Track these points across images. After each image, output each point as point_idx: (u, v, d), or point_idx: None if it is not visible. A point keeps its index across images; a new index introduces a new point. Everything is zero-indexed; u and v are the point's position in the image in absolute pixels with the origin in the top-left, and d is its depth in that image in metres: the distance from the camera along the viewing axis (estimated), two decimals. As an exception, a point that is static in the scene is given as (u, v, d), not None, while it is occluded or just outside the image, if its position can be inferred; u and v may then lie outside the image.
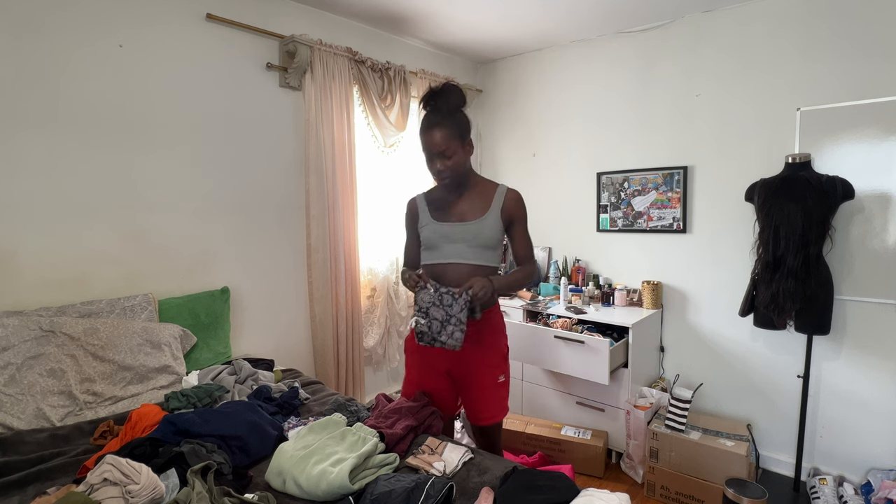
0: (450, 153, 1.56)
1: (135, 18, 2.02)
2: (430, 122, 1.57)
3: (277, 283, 2.58)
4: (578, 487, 1.26)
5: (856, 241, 2.31)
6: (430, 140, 1.56)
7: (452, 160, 1.57)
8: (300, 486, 1.26)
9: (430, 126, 1.56)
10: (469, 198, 1.66)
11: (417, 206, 1.75)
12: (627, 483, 2.54)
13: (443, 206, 1.68)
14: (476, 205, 1.65)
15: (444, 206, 1.68)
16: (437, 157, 1.57)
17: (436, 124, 1.55)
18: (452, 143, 1.56)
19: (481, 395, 1.71)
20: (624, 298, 2.94)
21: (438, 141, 1.55)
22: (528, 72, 3.46)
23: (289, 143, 2.57)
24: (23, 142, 1.77)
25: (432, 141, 1.56)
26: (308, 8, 2.61)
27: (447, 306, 1.50)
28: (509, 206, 1.65)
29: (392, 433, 1.48)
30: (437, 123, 1.55)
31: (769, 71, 2.51)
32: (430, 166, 1.62)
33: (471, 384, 1.71)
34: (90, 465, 1.30)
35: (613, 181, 3.08)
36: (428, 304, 1.51)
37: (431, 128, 1.56)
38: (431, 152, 1.58)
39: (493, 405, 1.73)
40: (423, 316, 1.51)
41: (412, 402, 1.68)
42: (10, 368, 1.61)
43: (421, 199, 1.76)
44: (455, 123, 1.57)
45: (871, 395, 2.34)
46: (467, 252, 1.63)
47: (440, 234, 1.66)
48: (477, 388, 1.71)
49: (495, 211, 1.64)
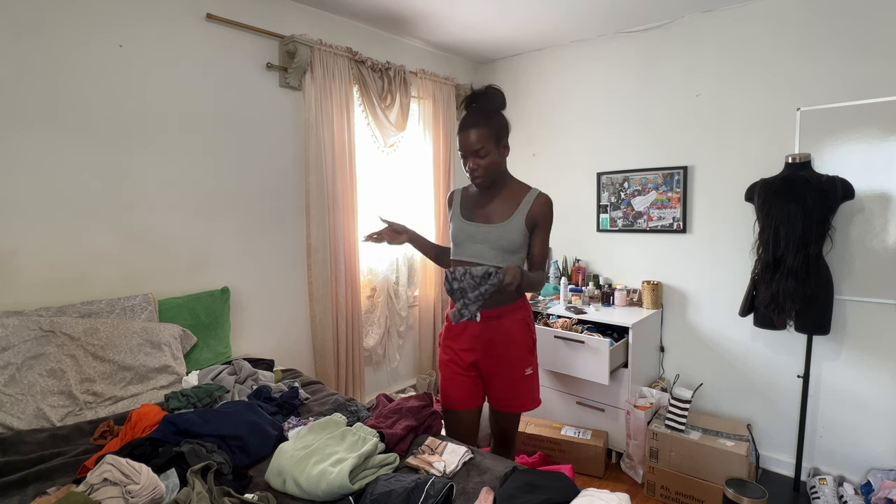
0: (484, 153, 1.59)
1: (134, 18, 2.02)
2: (468, 122, 1.60)
3: (277, 283, 2.58)
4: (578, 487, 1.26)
5: (856, 241, 2.31)
6: (466, 139, 1.59)
7: (486, 160, 1.60)
8: (300, 486, 1.26)
9: (468, 125, 1.59)
10: (499, 200, 1.68)
11: (453, 199, 1.81)
12: (627, 483, 2.54)
13: (473, 205, 1.72)
14: (504, 208, 1.67)
15: (475, 204, 1.71)
16: (471, 155, 1.60)
17: (472, 124, 1.59)
18: (488, 144, 1.58)
19: (508, 386, 1.75)
20: (624, 298, 2.94)
21: (473, 140, 1.57)
22: (528, 72, 3.46)
23: (289, 143, 2.57)
24: (22, 141, 1.77)
25: (468, 140, 1.59)
26: (308, 8, 2.61)
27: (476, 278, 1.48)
28: (535, 211, 1.65)
29: (392, 433, 1.48)
30: (473, 123, 1.58)
31: (769, 70, 2.51)
32: (464, 164, 1.65)
33: (496, 376, 1.75)
34: (90, 465, 1.29)
35: (613, 181, 3.08)
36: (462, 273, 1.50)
37: (468, 127, 1.59)
38: (466, 151, 1.61)
39: (521, 396, 1.77)
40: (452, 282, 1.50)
41: (412, 402, 1.68)
42: (10, 368, 1.61)
43: (458, 192, 1.81)
44: (492, 124, 1.60)
45: (871, 395, 2.34)
46: (488, 253, 1.65)
47: (465, 232, 1.69)
48: (504, 380, 1.75)
49: (520, 215, 1.65)
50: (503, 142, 1.65)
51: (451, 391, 1.79)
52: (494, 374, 1.76)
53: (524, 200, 1.66)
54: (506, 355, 1.72)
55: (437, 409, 1.75)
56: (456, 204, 1.78)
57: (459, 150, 1.65)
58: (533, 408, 1.81)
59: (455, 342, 1.77)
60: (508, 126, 1.67)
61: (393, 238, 1.77)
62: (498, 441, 1.94)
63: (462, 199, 1.77)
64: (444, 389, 1.81)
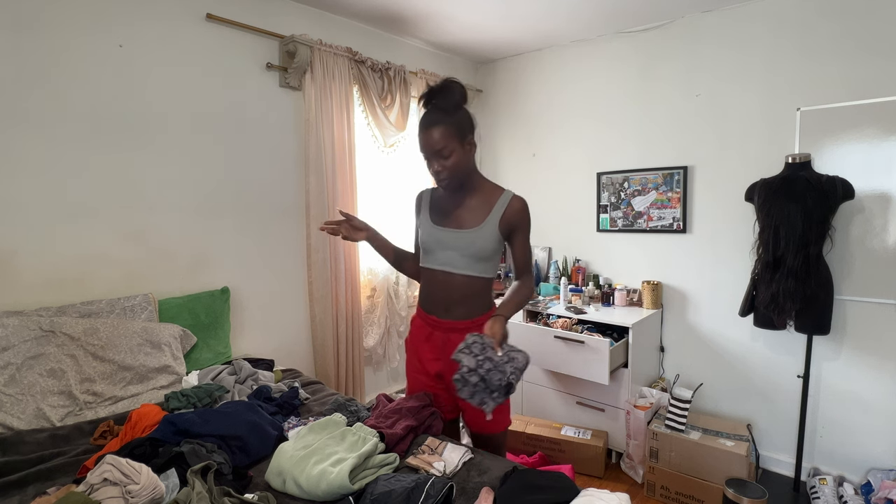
0: (447, 152, 1.46)
1: (135, 18, 2.02)
2: (428, 121, 1.47)
3: (277, 283, 2.58)
4: (578, 487, 1.26)
5: (856, 241, 2.31)
6: (427, 139, 1.46)
7: (451, 160, 1.47)
8: (300, 486, 1.26)
9: (428, 124, 1.47)
10: (470, 204, 1.56)
11: (421, 202, 1.68)
12: (627, 483, 2.54)
13: (443, 209, 1.60)
14: (476, 212, 1.55)
15: (445, 209, 1.60)
16: (435, 156, 1.48)
17: (433, 122, 1.46)
18: (451, 142, 1.45)
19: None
20: (624, 298, 2.94)
21: (435, 140, 1.45)
22: (528, 72, 3.46)
23: (289, 143, 2.57)
24: (23, 141, 1.77)
25: (429, 140, 1.46)
26: (308, 8, 2.61)
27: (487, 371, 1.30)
28: (510, 216, 1.53)
29: (392, 433, 1.48)
30: (434, 121, 1.46)
31: (769, 71, 2.51)
32: (428, 167, 1.53)
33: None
34: (90, 465, 1.29)
35: (613, 181, 3.08)
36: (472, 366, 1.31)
37: (429, 126, 1.46)
38: (429, 152, 1.49)
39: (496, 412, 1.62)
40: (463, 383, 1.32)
41: (412, 402, 1.67)
42: (10, 368, 1.61)
43: (427, 194, 1.69)
44: (454, 121, 1.46)
45: (871, 395, 2.34)
46: (459, 261, 1.55)
47: (435, 238, 1.58)
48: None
49: (494, 220, 1.53)
50: (468, 139, 1.50)
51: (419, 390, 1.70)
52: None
53: (497, 204, 1.54)
54: None
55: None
56: (425, 207, 1.65)
57: (421, 152, 1.51)
58: (502, 428, 1.64)
59: (421, 348, 1.66)
60: (473, 121, 1.53)
61: (350, 233, 1.64)
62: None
63: (431, 202, 1.64)
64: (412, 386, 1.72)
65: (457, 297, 1.57)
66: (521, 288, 1.59)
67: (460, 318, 1.58)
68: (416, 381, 1.72)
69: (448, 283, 1.57)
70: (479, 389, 1.30)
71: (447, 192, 1.60)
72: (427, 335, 1.64)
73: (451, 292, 1.57)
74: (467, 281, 1.56)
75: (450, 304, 1.58)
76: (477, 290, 1.58)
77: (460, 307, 1.57)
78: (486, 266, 1.57)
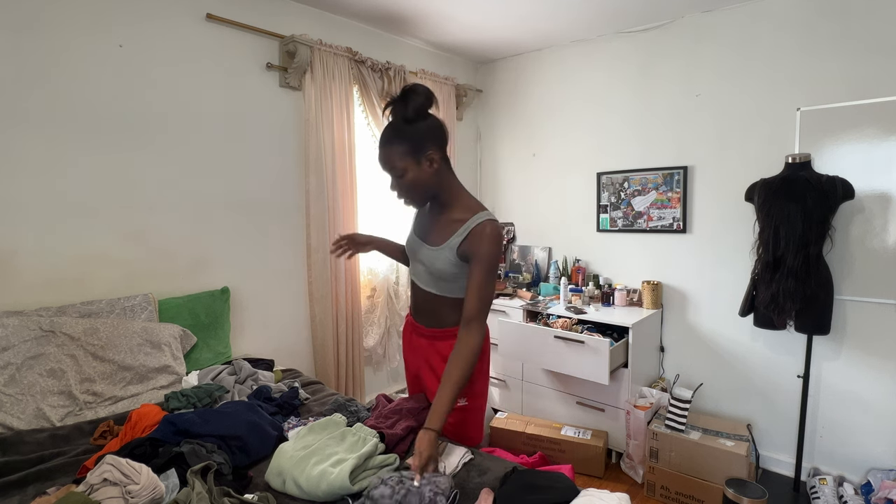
0: (400, 171, 1.36)
1: (135, 18, 2.02)
2: (382, 137, 1.38)
3: (277, 283, 2.58)
4: (578, 487, 1.26)
5: (856, 241, 2.31)
6: (379, 156, 1.38)
7: (406, 179, 1.36)
8: (300, 486, 1.26)
9: (381, 141, 1.38)
10: (441, 220, 1.46)
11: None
12: (627, 483, 2.54)
13: (422, 220, 1.55)
14: (442, 231, 1.44)
15: (423, 220, 1.55)
16: (389, 174, 1.40)
17: (385, 138, 1.36)
18: (402, 161, 1.34)
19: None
20: (624, 298, 2.94)
21: (384, 160, 1.37)
22: (528, 72, 3.46)
23: (289, 143, 2.57)
24: (22, 141, 1.77)
25: (381, 157, 1.38)
26: (308, 8, 2.61)
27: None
28: (468, 243, 1.38)
29: (392, 434, 1.48)
30: (383, 141, 1.37)
31: (769, 71, 2.51)
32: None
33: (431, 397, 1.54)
34: (90, 465, 1.29)
35: (613, 181, 3.07)
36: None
37: (381, 143, 1.37)
38: (383, 169, 1.40)
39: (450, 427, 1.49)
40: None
41: (412, 402, 1.67)
42: (10, 368, 1.61)
43: None
44: (406, 137, 1.33)
45: (871, 395, 2.34)
46: (425, 276, 1.50)
47: (409, 247, 1.57)
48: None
49: (454, 243, 1.40)
50: (426, 154, 1.35)
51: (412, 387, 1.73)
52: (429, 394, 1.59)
53: (461, 228, 1.39)
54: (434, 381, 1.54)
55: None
56: (415, 213, 1.61)
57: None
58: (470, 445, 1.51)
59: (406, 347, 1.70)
60: (437, 133, 1.38)
61: (357, 248, 1.70)
62: None
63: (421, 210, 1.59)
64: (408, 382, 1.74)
65: (423, 307, 1.58)
66: (457, 356, 1.33)
67: (428, 325, 1.57)
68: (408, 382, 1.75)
69: (416, 292, 1.59)
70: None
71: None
72: (408, 333, 1.69)
73: (418, 301, 1.59)
74: (430, 296, 1.52)
75: (418, 311, 1.61)
76: (438, 307, 1.51)
77: (426, 317, 1.58)
78: (450, 286, 1.46)
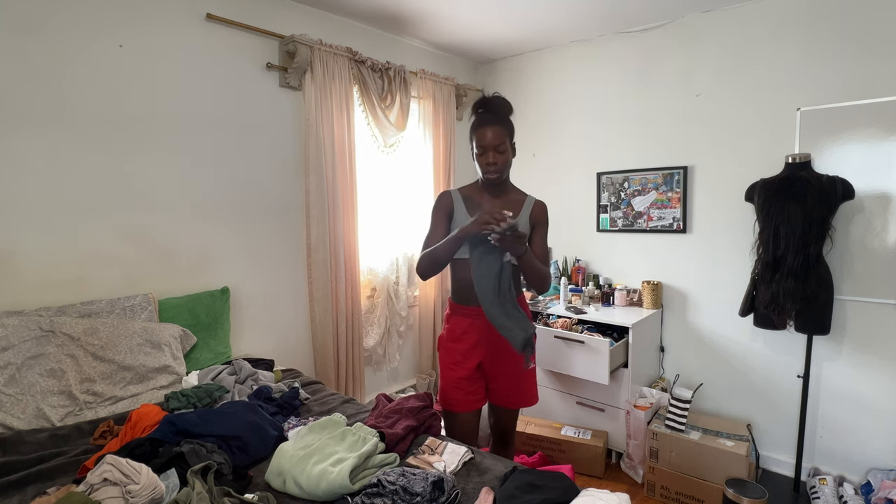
0: (503, 148, 1.68)
1: (135, 18, 2.01)
2: (489, 119, 1.69)
3: (277, 283, 2.58)
4: (578, 487, 1.26)
5: (856, 241, 2.31)
6: (486, 135, 1.67)
7: (504, 156, 1.69)
8: (300, 486, 1.26)
9: (489, 122, 1.68)
10: (503, 201, 1.77)
11: (452, 200, 1.78)
12: (627, 483, 2.54)
13: (479, 205, 1.75)
14: (510, 207, 1.74)
15: (480, 205, 1.75)
16: (492, 150, 1.68)
17: (492, 121, 1.68)
18: (506, 140, 1.69)
19: (513, 382, 1.82)
20: (624, 298, 2.94)
21: (494, 136, 1.67)
22: (528, 72, 3.46)
23: (289, 143, 2.57)
24: (23, 142, 1.77)
25: (488, 136, 1.67)
26: (308, 8, 2.61)
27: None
28: (536, 213, 1.78)
29: (392, 433, 1.48)
30: (493, 121, 1.69)
31: (769, 71, 2.51)
32: (480, 160, 1.70)
33: (502, 374, 1.80)
34: (90, 465, 1.29)
35: (613, 181, 3.08)
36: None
37: (490, 123, 1.68)
38: (486, 146, 1.68)
39: (524, 391, 1.85)
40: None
41: (412, 402, 1.68)
42: (10, 368, 1.61)
43: (456, 193, 1.80)
44: (508, 124, 1.72)
45: (871, 395, 2.34)
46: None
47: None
48: (509, 377, 1.80)
49: (525, 215, 1.76)
50: (513, 143, 1.75)
51: (454, 394, 1.78)
52: (500, 373, 1.79)
53: (525, 203, 1.78)
54: (511, 351, 1.72)
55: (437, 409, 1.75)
56: (458, 205, 1.76)
57: (477, 148, 1.70)
58: (534, 403, 1.89)
59: (459, 343, 1.78)
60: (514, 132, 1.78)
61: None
62: (498, 440, 1.95)
63: (464, 200, 1.77)
64: (446, 392, 1.81)
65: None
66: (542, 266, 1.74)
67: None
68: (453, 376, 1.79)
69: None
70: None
71: (489, 185, 1.75)
72: (467, 326, 1.76)
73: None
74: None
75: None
76: (514, 275, 1.73)
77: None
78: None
